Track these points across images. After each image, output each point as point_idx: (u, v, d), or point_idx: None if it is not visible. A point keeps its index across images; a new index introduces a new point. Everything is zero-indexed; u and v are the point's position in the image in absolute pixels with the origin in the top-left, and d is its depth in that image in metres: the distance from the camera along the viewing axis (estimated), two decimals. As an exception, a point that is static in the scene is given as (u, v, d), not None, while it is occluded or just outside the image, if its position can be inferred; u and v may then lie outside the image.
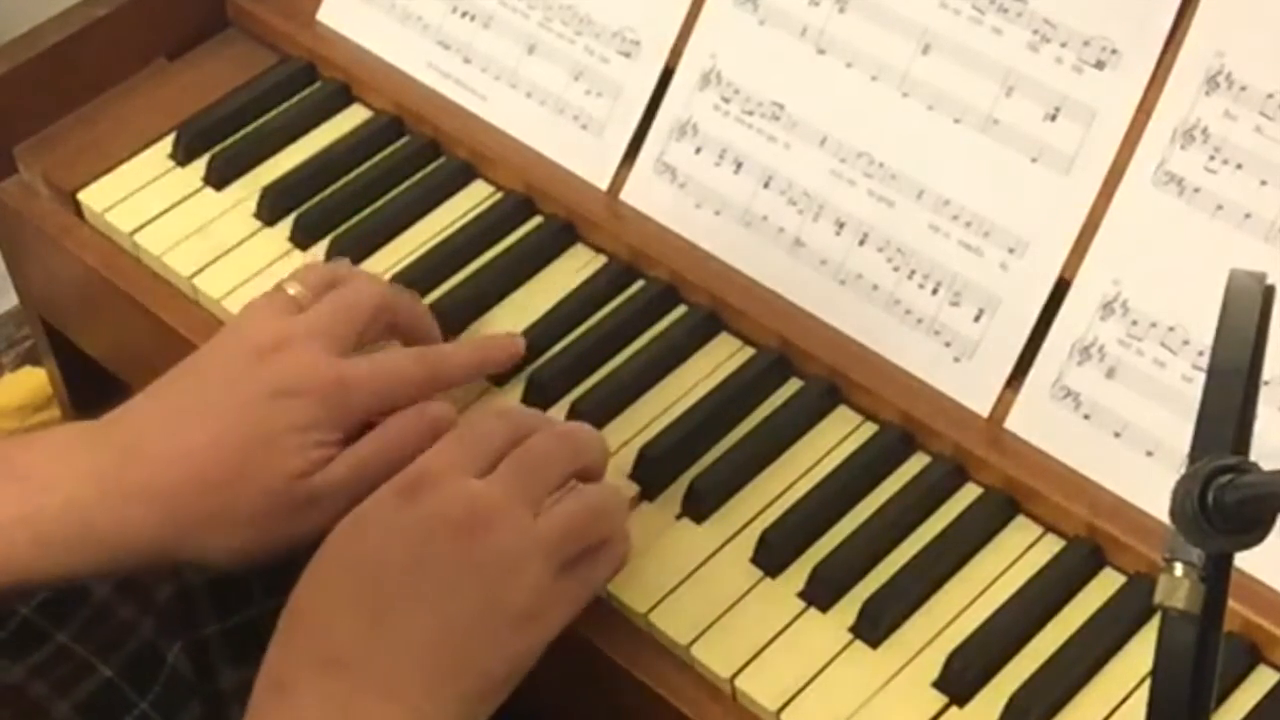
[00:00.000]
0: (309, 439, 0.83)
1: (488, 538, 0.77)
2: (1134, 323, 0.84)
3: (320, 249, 1.00)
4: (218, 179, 1.03)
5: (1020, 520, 0.85)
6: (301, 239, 1.00)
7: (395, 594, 0.76)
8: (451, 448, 0.81)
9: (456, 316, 0.95)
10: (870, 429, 0.89)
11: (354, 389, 0.85)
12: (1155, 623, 0.54)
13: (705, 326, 0.94)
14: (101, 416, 0.86)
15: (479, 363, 0.92)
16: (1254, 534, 0.52)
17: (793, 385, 0.91)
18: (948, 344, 0.89)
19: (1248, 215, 0.82)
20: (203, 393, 0.85)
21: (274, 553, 0.85)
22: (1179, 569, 0.53)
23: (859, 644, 0.81)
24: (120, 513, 0.82)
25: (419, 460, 0.81)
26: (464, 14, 1.05)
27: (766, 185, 0.94)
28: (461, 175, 1.03)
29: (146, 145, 1.06)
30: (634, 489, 0.87)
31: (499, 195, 1.02)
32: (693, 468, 0.87)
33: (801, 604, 0.82)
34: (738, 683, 0.80)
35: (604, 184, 1.00)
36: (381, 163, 1.04)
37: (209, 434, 0.83)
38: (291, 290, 0.89)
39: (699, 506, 0.86)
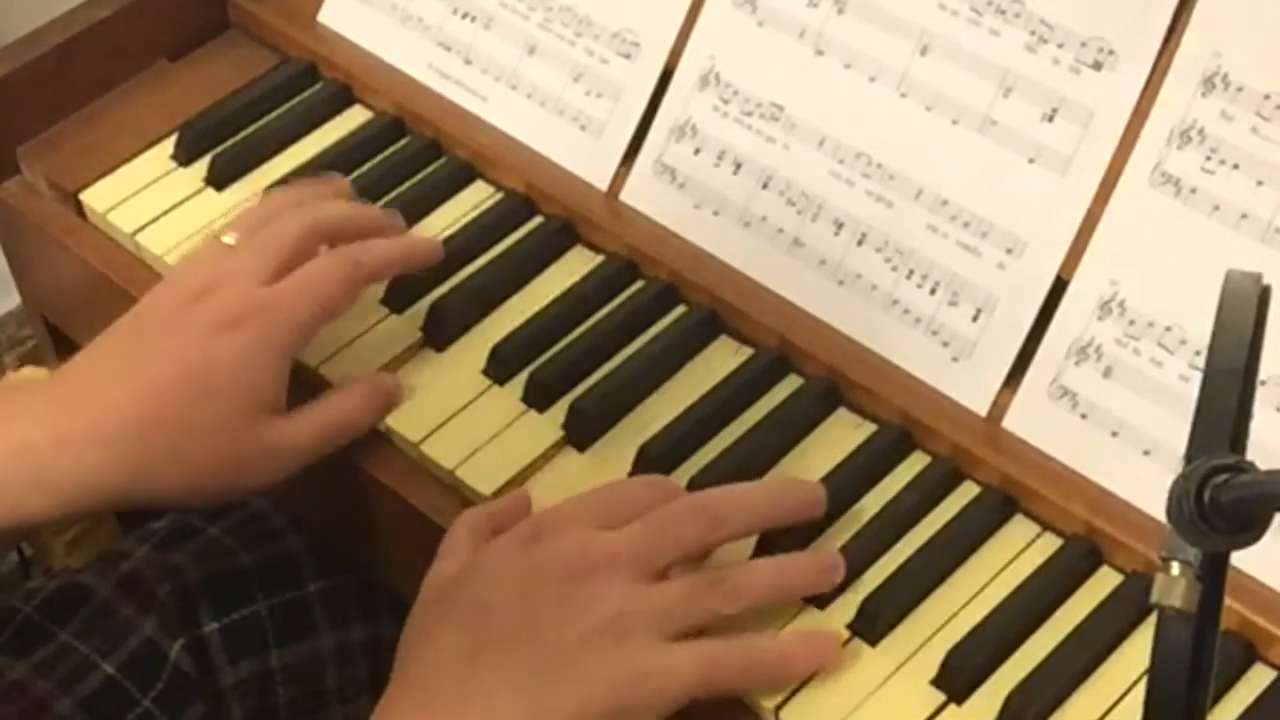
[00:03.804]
0: (255, 368, 0.85)
1: (593, 583, 0.76)
2: (1131, 322, 0.85)
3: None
4: (219, 180, 1.04)
5: (1018, 519, 0.85)
6: (302, 239, 1.00)
7: (495, 634, 0.75)
8: (582, 500, 0.81)
9: (457, 317, 0.95)
10: (869, 428, 0.89)
11: (284, 305, 0.86)
12: (1152, 621, 0.54)
13: (705, 326, 0.94)
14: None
15: (400, 256, 0.93)
16: (1250, 533, 0.52)
17: (792, 385, 0.91)
18: (946, 344, 0.89)
19: (1244, 216, 0.82)
20: (142, 339, 0.87)
21: (225, 496, 0.88)
22: (1176, 568, 0.54)
23: (857, 642, 0.81)
24: (73, 457, 0.83)
25: (549, 509, 0.81)
26: (464, 15, 1.06)
27: (765, 186, 0.95)
28: (462, 176, 1.03)
29: (148, 146, 1.06)
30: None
31: (499, 195, 1.02)
32: (692, 468, 0.87)
33: (800, 603, 0.82)
34: (737, 681, 0.80)
35: (604, 184, 1.00)
36: (382, 163, 1.04)
37: (151, 375, 0.85)
38: (227, 239, 0.90)
39: (698, 506, 0.86)
